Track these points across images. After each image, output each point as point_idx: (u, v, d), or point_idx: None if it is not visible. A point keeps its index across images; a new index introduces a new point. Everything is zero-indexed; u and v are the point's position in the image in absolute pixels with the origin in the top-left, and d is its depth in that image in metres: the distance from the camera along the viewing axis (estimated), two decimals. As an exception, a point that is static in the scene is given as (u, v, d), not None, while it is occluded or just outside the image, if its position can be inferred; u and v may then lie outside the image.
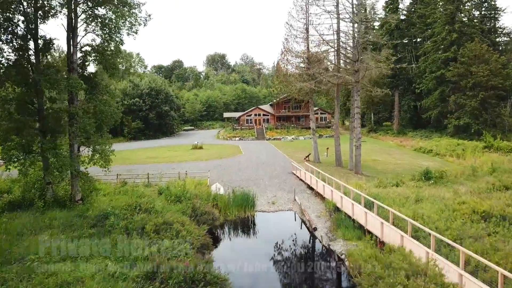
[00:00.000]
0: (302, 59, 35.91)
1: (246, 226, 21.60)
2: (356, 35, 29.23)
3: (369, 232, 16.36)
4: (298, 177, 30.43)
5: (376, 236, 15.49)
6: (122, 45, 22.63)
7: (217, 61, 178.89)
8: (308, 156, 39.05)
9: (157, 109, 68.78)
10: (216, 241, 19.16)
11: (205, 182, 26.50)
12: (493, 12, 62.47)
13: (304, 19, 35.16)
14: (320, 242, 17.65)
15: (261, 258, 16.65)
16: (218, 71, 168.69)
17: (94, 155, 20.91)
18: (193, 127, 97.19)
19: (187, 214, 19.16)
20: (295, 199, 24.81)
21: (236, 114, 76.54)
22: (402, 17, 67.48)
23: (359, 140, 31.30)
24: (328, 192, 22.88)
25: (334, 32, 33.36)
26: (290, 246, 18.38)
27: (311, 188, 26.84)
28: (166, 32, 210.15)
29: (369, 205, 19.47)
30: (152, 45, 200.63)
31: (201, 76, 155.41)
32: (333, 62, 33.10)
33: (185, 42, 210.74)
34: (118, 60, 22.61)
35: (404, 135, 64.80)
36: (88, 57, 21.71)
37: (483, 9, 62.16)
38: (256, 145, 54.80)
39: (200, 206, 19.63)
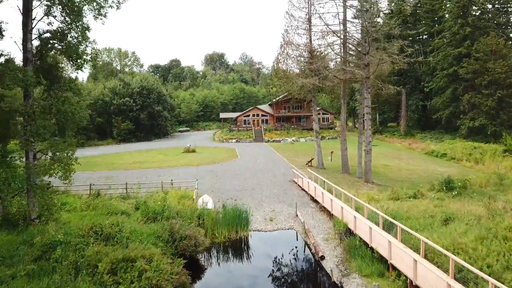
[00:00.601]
0: (304, 53, 32.28)
1: (238, 250, 17.94)
2: (366, 23, 25.59)
3: (395, 268, 12.70)
4: (300, 186, 26.78)
5: (406, 276, 11.82)
6: (89, 31, 18.98)
7: (215, 61, 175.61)
8: (310, 161, 35.40)
9: (149, 109, 65.10)
10: (199, 271, 15.52)
11: (191, 195, 22.80)
12: (505, 5, 58.89)
13: (306, 8, 31.57)
14: (330, 276, 13.97)
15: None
16: (217, 70, 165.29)
17: (51, 164, 17.21)
18: (188, 128, 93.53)
19: (163, 239, 15.51)
20: (296, 215, 21.17)
21: (233, 115, 72.91)
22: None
23: (370, 144, 27.68)
24: (337, 208, 19.22)
25: (340, 23, 29.78)
26: (291, 280, 14.72)
27: (315, 201, 23.18)
28: (164, 31, 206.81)
29: (387, 225, 15.88)
30: (150, 44, 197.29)
31: (199, 75, 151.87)
32: (340, 55, 29.43)
33: (183, 42, 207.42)
34: (87, 49, 18.82)
35: (411, 137, 61.19)
36: (47, 46, 18.05)
37: (497, 2, 58.52)
38: (253, 148, 51.15)
39: (180, 228, 15.96)
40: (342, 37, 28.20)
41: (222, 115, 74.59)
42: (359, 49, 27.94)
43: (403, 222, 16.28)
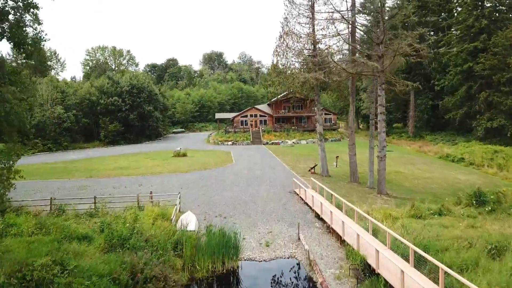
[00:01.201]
0: (306, 44, 28.47)
1: (223, 289, 14.08)
2: (381, 7, 21.73)
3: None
4: (302, 199, 22.93)
5: None
6: (38, 9, 15.15)
7: (214, 60, 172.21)
8: (314, 167, 31.55)
9: (139, 110, 61.24)
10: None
11: (170, 213, 18.91)
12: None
13: (309, -8, 27.72)
14: None
15: None
16: (215, 70, 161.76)
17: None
18: (183, 130, 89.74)
19: (121, 282, 11.64)
20: (299, 238, 17.32)
21: (230, 115, 69.11)
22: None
23: (384, 150, 23.84)
24: (350, 233, 15.38)
25: (349, 9, 25.98)
26: None
27: (321, 219, 19.31)
28: (162, 30, 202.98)
29: (417, 258, 12.09)
30: (147, 43, 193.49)
31: (196, 74, 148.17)
32: (349, 43, 25.54)
33: (181, 41, 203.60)
34: (38, 33, 14.98)
35: (421, 138, 57.41)
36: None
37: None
38: (250, 151, 47.29)
39: (145, 266, 12.10)
40: (351, 23, 24.33)
41: (218, 115, 70.78)
42: (371, 38, 24.09)
43: (440, 257, 12.47)
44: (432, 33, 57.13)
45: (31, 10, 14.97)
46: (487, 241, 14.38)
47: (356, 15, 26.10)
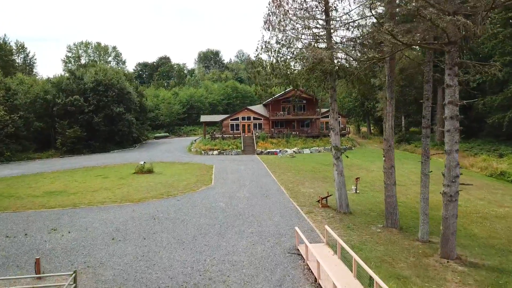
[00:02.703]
0: (313, 10, 18.49)
1: None
2: None
3: None
4: (309, 269, 12.83)
5: None
6: None
7: (209, 59, 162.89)
8: (326, 198, 21.41)
9: (106, 111, 51.07)
10: None
11: None
12: None
13: None
14: None
15: None
16: (210, 69, 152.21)
17: None
18: (167, 134, 79.65)
19: None
20: None
21: (218, 118, 59.03)
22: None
23: (456, 182, 13.77)
24: None
25: None
26: None
27: None
28: (157, 29, 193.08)
29: None
30: (142, 42, 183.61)
31: (187, 72, 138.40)
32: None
33: (177, 39, 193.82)
34: None
35: (451, 147, 47.21)
36: None
37: None
38: (239, 165, 37.23)
39: None
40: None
41: (204, 118, 60.65)
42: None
43: None
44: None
45: None
46: None
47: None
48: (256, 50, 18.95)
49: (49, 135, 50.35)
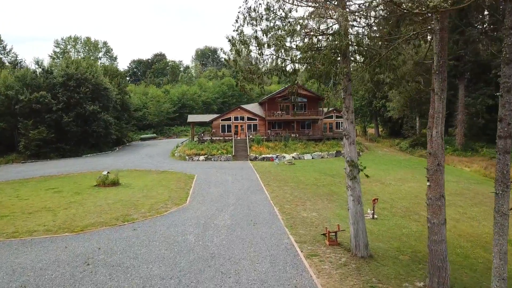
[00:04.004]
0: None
1: None
2: None
3: None
4: None
5: None
6: None
7: (207, 56, 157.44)
8: (335, 233, 15.43)
9: (78, 109, 45.15)
10: None
11: None
12: None
13: None
14: None
15: None
16: (208, 66, 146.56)
17: None
18: (155, 135, 73.82)
19: None
20: None
21: (207, 118, 53.13)
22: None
23: None
24: None
25: None
26: None
27: None
28: (155, 26, 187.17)
29: None
30: (141, 40, 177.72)
31: (181, 69, 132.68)
32: None
33: (175, 37, 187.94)
34: None
35: (474, 153, 41.56)
36: None
37: None
38: (226, 175, 31.41)
39: None
40: None
41: (192, 118, 54.65)
42: None
43: None
44: None
45: None
46: None
47: None
48: (236, 21, 13.03)
49: (12, 137, 44.45)
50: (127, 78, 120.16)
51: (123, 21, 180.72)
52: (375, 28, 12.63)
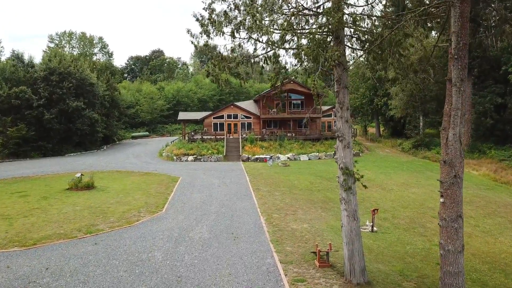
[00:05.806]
0: None
1: None
2: None
3: None
4: None
5: None
6: None
7: (207, 53, 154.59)
8: (327, 254, 13.11)
9: (61, 106, 42.86)
10: None
11: None
12: None
13: None
14: None
15: None
16: (207, 63, 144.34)
17: None
18: (147, 133, 71.58)
19: None
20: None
21: (198, 115, 50.83)
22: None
23: None
24: None
25: None
26: None
27: None
28: (155, 22, 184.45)
29: None
30: (138, 35, 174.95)
31: (178, 66, 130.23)
32: None
33: (175, 35, 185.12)
34: None
35: (481, 155, 39.33)
36: None
37: None
38: (214, 178, 29.16)
39: None
40: None
41: (182, 115, 52.32)
42: None
43: None
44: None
45: None
46: None
47: None
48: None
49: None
50: (125, 75, 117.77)
51: (123, 17, 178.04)
52: (376, 6, 10.32)
